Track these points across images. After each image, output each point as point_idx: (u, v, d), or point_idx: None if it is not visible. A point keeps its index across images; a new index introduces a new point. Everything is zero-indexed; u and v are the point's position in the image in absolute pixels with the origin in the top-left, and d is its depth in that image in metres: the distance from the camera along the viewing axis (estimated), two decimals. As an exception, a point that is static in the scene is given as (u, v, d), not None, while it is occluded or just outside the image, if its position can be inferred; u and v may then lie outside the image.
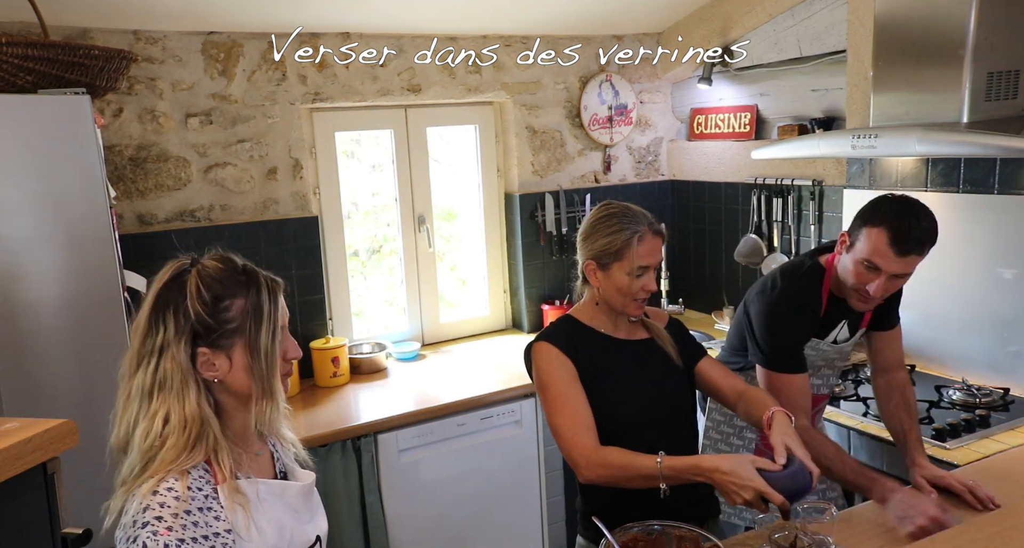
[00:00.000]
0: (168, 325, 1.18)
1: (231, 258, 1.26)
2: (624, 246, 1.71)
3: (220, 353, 1.20)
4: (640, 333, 1.87)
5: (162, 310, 1.19)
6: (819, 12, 3.04)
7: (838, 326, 2.05)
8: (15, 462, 1.27)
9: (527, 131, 3.50)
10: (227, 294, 1.21)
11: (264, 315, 1.22)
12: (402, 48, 3.17)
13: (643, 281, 1.73)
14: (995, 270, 2.52)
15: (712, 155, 3.63)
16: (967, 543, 1.57)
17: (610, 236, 1.73)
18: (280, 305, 1.26)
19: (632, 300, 1.76)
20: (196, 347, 1.19)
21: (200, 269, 1.22)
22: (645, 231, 1.73)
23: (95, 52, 2.14)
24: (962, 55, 2.26)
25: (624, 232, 1.72)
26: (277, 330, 1.24)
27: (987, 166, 2.51)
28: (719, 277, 3.67)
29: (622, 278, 1.73)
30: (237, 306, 1.21)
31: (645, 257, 1.72)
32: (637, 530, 1.50)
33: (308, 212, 3.10)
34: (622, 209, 1.77)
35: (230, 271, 1.23)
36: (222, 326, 1.19)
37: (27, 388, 1.99)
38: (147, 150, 2.79)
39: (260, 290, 1.23)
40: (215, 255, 1.27)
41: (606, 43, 3.63)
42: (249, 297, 1.22)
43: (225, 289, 1.21)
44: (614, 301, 1.77)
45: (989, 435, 2.21)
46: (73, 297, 2.05)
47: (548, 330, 1.84)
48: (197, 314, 1.18)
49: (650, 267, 1.74)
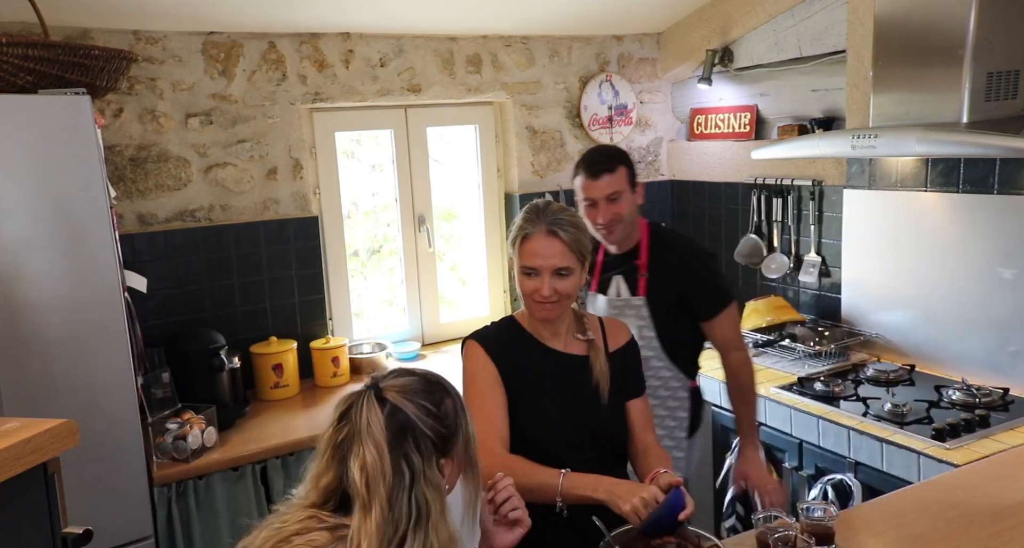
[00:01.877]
0: (413, 459, 1.13)
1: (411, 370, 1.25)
2: (514, 243, 1.68)
3: (450, 462, 1.20)
4: (580, 348, 1.76)
5: (398, 449, 1.13)
6: (819, 12, 3.04)
7: (612, 282, 2.23)
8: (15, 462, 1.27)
9: (527, 131, 3.51)
10: (437, 399, 1.20)
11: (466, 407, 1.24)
12: (402, 48, 3.17)
13: (535, 283, 1.64)
14: (995, 270, 2.53)
15: (712, 155, 3.63)
16: (967, 543, 1.57)
17: (513, 231, 1.70)
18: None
19: (531, 301, 1.68)
20: (439, 462, 1.17)
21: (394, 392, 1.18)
22: (538, 231, 1.64)
23: (95, 52, 2.14)
24: (962, 55, 2.26)
25: (517, 230, 1.68)
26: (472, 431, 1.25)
27: (987, 166, 2.51)
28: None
29: (519, 277, 1.68)
30: (450, 406, 1.21)
31: (530, 257, 1.64)
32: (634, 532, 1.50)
33: (308, 212, 3.10)
34: (534, 206, 1.70)
35: (420, 380, 1.22)
36: (453, 431, 1.19)
37: (27, 388, 1.99)
38: (147, 150, 2.79)
39: (453, 386, 1.25)
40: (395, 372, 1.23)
41: (606, 43, 3.63)
42: (453, 393, 1.23)
43: (431, 396, 1.20)
44: (523, 301, 1.72)
45: (989, 435, 2.21)
46: (73, 297, 2.05)
47: (483, 330, 1.79)
48: (433, 429, 1.16)
49: (540, 270, 1.63)
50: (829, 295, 3.14)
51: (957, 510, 1.71)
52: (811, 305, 3.22)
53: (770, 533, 1.50)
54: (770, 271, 3.31)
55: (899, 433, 2.24)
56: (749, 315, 3.18)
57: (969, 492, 1.80)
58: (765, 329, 3.08)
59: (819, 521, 1.53)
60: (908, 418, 2.32)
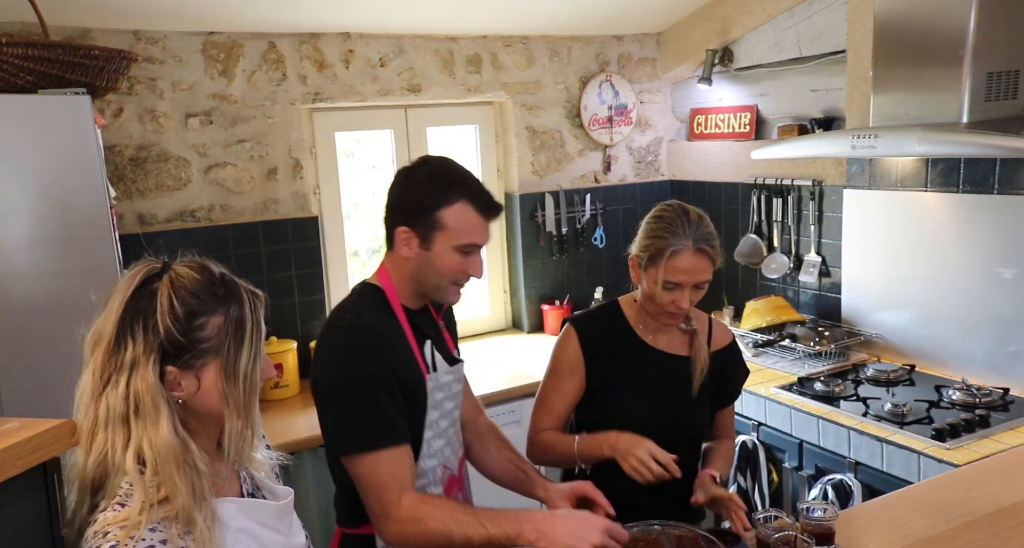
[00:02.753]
0: (137, 339, 1.04)
1: (208, 266, 1.12)
2: (657, 254, 1.63)
3: (188, 373, 1.07)
4: (682, 347, 1.78)
5: (131, 322, 1.05)
6: (819, 12, 3.04)
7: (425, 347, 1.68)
8: (15, 462, 1.27)
9: (527, 131, 3.50)
10: (203, 310, 1.07)
11: (245, 335, 1.09)
12: (402, 48, 3.17)
13: (673, 296, 1.64)
14: (995, 270, 2.52)
15: (712, 155, 3.63)
16: (967, 543, 1.57)
17: (650, 239, 1.66)
18: (263, 324, 1.14)
19: (664, 311, 1.68)
20: (164, 366, 1.05)
21: (173, 277, 1.08)
22: (685, 247, 1.61)
23: (95, 52, 2.14)
24: (962, 55, 2.26)
25: (661, 240, 1.63)
26: (259, 352, 1.12)
27: (987, 166, 2.51)
28: (719, 277, 3.64)
29: (652, 285, 1.66)
30: (214, 324, 1.07)
31: (675, 273, 1.62)
32: (637, 530, 1.50)
33: (308, 212, 3.10)
34: (675, 214, 1.66)
35: (207, 282, 1.09)
36: (195, 346, 1.06)
37: (27, 388, 1.99)
38: (147, 150, 2.79)
39: (242, 306, 1.10)
40: (190, 262, 1.12)
41: (606, 43, 3.63)
42: (229, 314, 1.08)
43: (201, 304, 1.07)
44: (647, 304, 1.72)
45: (989, 435, 2.21)
46: (73, 297, 2.04)
47: (585, 314, 1.86)
48: (168, 331, 1.04)
49: (682, 285, 1.62)
50: (829, 295, 3.14)
51: (957, 510, 1.70)
52: (811, 305, 3.22)
53: (770, 533, 1.50)
54: (770, 271, 3.31)
55: (899, 433, 2.24)
56: (749, 315, 3.18)
57: (969, 492, 1.80)
58: (765, 329, 3.08)
59: (819, 521, 1.53)
60: (908, 418, 2.31)
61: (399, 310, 1.56)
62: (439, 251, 1.50)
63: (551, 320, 3.55)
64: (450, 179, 1.52)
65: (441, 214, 1.48)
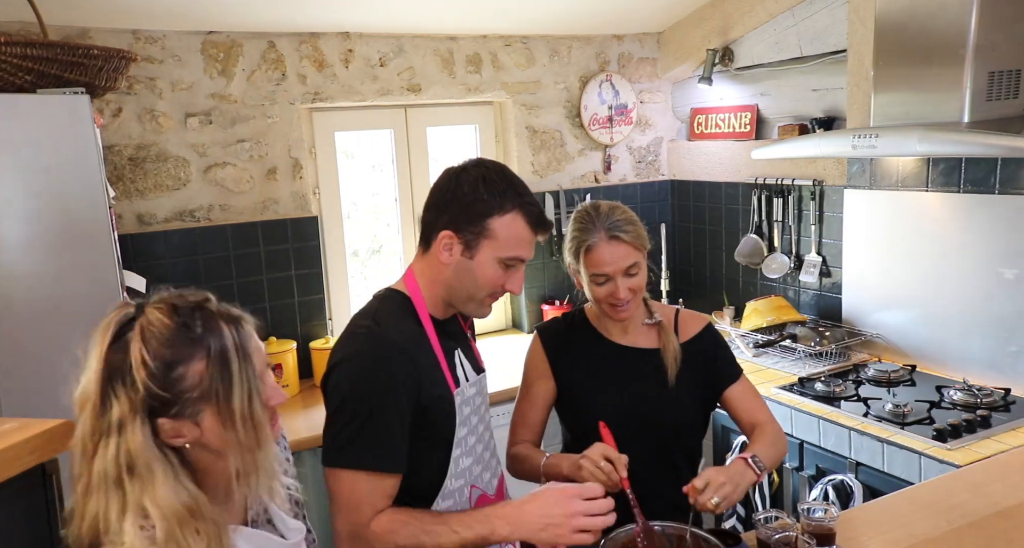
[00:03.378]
0: (120, 398, 0.97)
1: (178, 305, 1.02)
2: (576, 254, 1.68)
3: (185, 421, 0.99)
4: (648, 340, 1.78)
5: (110, 380, 0.98)
6: (819, 12, 3.04)
7: (455, 359, 1.68)
8: (13, 463, 1.26)
9: (527, 131, 3.50)
10: (180, 358, 0.98)
11: (233, 373, 1.00)
12: (402, 48, 3.16)
13: (607, 288, 1.66)
14: (996, 270, 2.52)
15: (712, 155, 3.62)
16: (969, 544, 1.56)
17: (570, 242, 1.70)
18: (253, 350, 1.04)
19: (608, 306, 1.70)
20: (155, 420, 0.98)
21: (144, 326, 0.99)
22: (598, 239, 1.64)
23: (94, 52, 2.13)
24: (963, 55, 2.25)
25: (577, 240, 1.67)
26: (254, 388, 1.02)
27: (988, 166, 2.50)
28: (719, 277, 3.66)
29: (587, 284, 1.69)
30: (195, 371, 0.99)
31: (597, 265, 1.64)
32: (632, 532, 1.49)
33: (308, 212, 3.10)
34: (585, 211, 1.69)
35: (179, 327, 0.99)
36: (180, 397, 0.98)
37: (26, 388, 1.99)
38: (146, 150, 2.78)
39: (223, 343, 1.01)
40: (160, 301, 1.02)
41: (606, 43, 3.62)
42: (210, 358, 0.99)
43: (176, 352, 0.98)
44: (595, 305, 1.75)
45: (990, 435, 2.21)
46: (73, 297, 2.04)
47: (549, 322, 1.89)
48: (147, 387, 0.96)
49: (610, 275, 1.64)
50: (830, 295, 3.13)
51: (958, 511, 1.70)
52: (812, 305, 3.22)
53: (771, 534, 1.49)
54: (771, 271, 3.31)
55: (900, 433, 2.24)
56: (749, 315, 3.17)
57: (970, 492, 1.79)
58: (765, 329, 3.08)
59: (820, 522, 1.53)
60: (909, 418, 2.31)
61: (426, 319, 1.47)
62: (482, 261, 1.42)
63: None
64: (505, 187, 1.43)
65: (492, 222, 1.40)
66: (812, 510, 1.55)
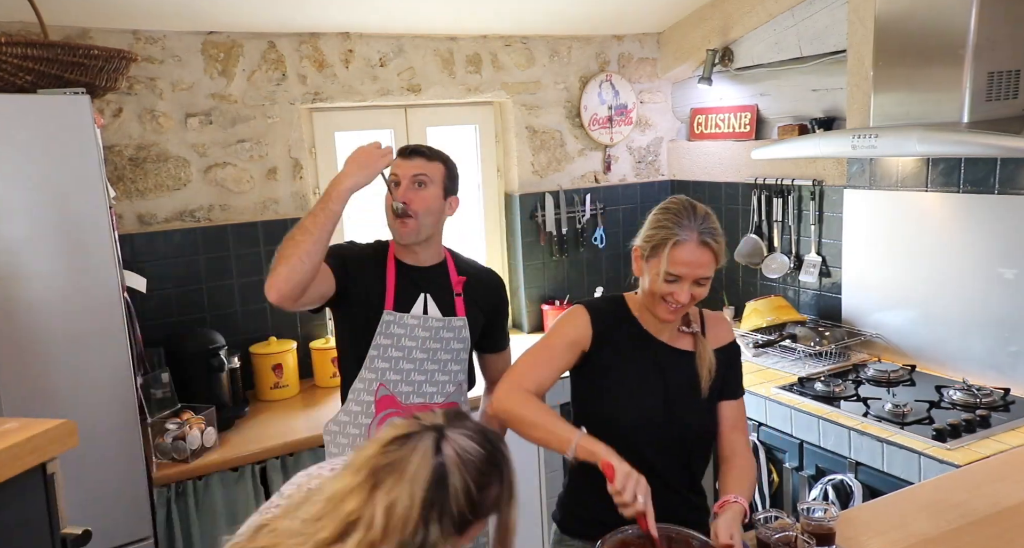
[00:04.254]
0: (432, 528, 1.05)
1: (486, 433, 1.14)
2: (660, 244, 1.60)
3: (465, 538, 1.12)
4: (684, 342, 1.75)
5: (428, 511, 1.05)
6: (819, 12, 3.04)
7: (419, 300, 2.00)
8: (14, 463, 1.27)
9: (527, 131, 3.50)
10: (487, 483, 1.10)
11: (514, 493, 1.14)
12: (402, 48, 3.17)
13: (672, 288, 1.60)
14: (996, 270, 2.52)
15: (712, 155, 3.63)
16: (968, 544, 1.57)
17: (655, 229, 1.63)
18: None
19: (662, 303, 1.64)
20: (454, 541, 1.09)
21: (460, 456, 1.09)
22: (689, 238, 1.59)
23: (95, 52, 2.14)
24: (963, 55, 2.25)
25: (665, 231, 1.61)
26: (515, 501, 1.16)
27: (988, 166, 2.50)
28: (719, 277, 3.65)
29: (653, 277, 1.62)
30: (493, 494, 1.11)
31: (677, 265, 1.58)
32: (631, 533, 1.49)
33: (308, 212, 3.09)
34: (682, 206, 1.65)
35: (489, 455, 1.11)
36: (478, 518, 1.11)
37: (27, 388, 1.99)
38: (147, 150, 2.79)
39: (511, 465, 1.15)
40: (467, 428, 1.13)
41: (606, 43, 3.62)
42: (504, 482, 1.13)
43: (486, 479, 1.10)
44: (645, 297, 1.68)
45: (990, 435, 2.21)
46: (73, 297, 2.05)
47: (596, 300, 1.80)
48: (461, 513, 1.07)
49: (683, 278, 1.59)
50: (829, 295, 3.14)
51: (958, 511, 1.70)
52: (811, 305, 3.22)
53: (770, 533, 1.49)
54: (770, 271, 3.31)
55: (900, 433, 2.24)
56: (749, 315, 3.18)
57: (970, 492, 1.79)
58: (765, 329, 3.08)
59: (820, 521, 1.53)
60: (909, 418, 2.31)
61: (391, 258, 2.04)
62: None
63: (551, 320, 3.54)
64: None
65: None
66: (812, 510, 1.55)
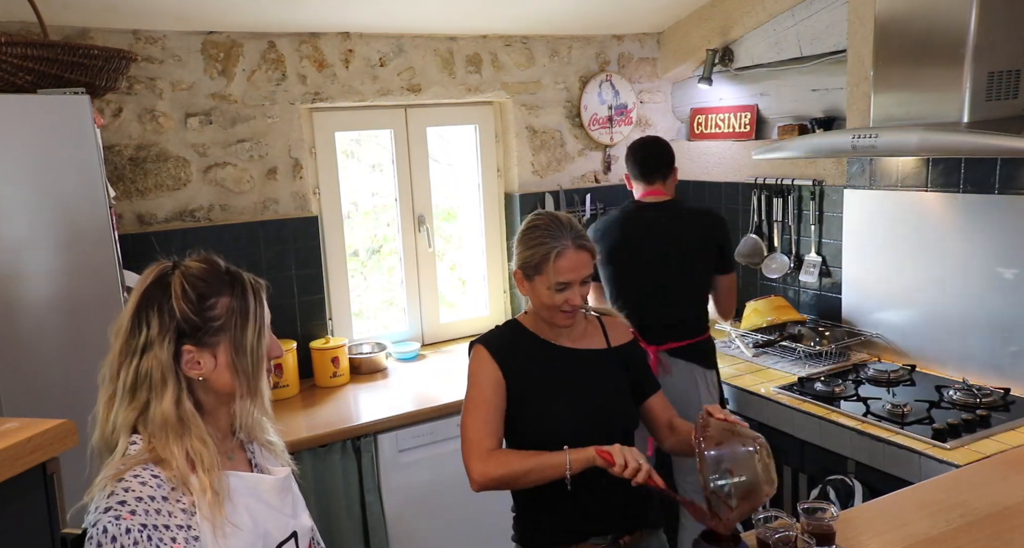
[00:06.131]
0: (152, 324, 1.18)
1: (214, 259, 1.29)
2: (543, 261, 1.70)
3: (205, 351, 1.21)
4: (588, 341, 1.84)
5: (145, 309, 1.19)
6: (819, 12, 3.04)
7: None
8: (14, 462, 1.27)
9: (527, 131, 3.50)
10: (212, 293, 1.22)
11: (250, 314, 1.24)
12: (402, 48, 3.17)
13: (566, 295, 1.71)
14: (996, 270, 2.52)
15: (712, 155, 3.63)
16: (968, 543, 1.57)
17: (531, 249, 1.73)
18: (264, 305, 1.28)
19: (557, 311, 1.74)
20: (181, 345, 1.19)
21: (184, 269, 1.24)
22: (566, 246, 1.69)
23: (95, 52, 2.14)
24: (963, 55, 2.25)
25: (543, 247, 1.71)
26: (263, 329, 1.26)
27: (988, 166, 2.50)
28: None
29: (544, 291, 1.72)
30: (222, 304, 1.22)
31: (565, 273, 1.69)
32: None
33: (308, 212, 3.10)
34: (547, 221, 1.75)
35: (214, 271, 1.25)
36: (208, 324, 1.21)
37: (27, 388, 1.99)
38: (147, 150, 2.79)
39: (245, 290, 1.26)
40: (197, 257, 1.29)
41: (606, 43, 3.62)
42: (234, 296, 1.24)
43: (210, 288, 1.22)
44: (540, 312, 1.78)
45: (990, 435, 2.21)
46: (73, 297, 2.05)
47: (488, 334, 1.85)
48: (183, 312, 1.19)
49: (572, 283, 1.71)
50: (829, 295, 3.14)
51: (958, 510, 1.70)
52: (811, 305, 3.22)
53: (770, 533, 1.49)
54: (770, 271, 3.31)
55: (900, 433, 2.24)
56: (749, 315, 3.18)
57: (970, 492, 1.80)
58: (765, 329, 3.08)
59: (820, 521, 1.53)
60: (909, 418, 2.31)
61: None
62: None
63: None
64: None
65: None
66: (812, 510, 1.55)
